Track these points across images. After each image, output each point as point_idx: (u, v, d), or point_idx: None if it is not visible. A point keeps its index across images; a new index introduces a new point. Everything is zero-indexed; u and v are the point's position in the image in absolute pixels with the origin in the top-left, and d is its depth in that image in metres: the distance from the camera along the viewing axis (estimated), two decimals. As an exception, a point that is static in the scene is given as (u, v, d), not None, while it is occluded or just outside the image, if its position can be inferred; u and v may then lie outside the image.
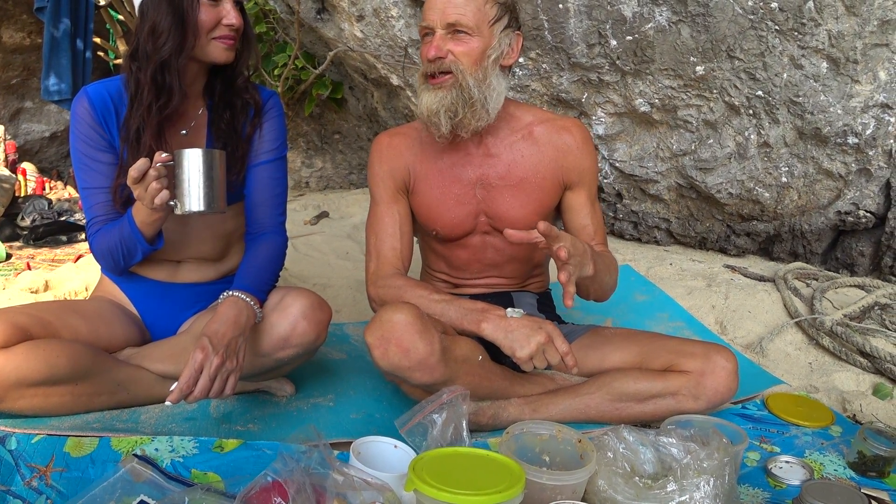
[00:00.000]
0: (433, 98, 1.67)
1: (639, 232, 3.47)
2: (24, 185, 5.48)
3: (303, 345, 1.65)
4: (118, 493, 1.27)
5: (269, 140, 1.81)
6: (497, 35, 1.68)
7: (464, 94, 1.65)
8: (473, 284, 1.94)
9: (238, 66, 1.73)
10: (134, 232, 1.57)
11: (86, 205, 1.70)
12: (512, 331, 1.52)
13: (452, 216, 1.83)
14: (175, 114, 1.67)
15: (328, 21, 3.86)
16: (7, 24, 5.77)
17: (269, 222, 1.80)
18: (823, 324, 2.30)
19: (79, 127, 1.65)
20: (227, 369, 1.48)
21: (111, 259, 1.67)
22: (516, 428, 1.41)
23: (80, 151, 1.66)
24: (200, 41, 1.61)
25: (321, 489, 1.14)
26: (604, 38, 2.81)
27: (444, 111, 1.66)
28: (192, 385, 1.43)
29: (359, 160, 5.52)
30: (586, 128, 1.86)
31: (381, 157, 1.86)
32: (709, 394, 1.66)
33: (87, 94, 1.65)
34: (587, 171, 1.84)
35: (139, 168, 1.42)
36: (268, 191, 1.80)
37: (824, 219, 2.97)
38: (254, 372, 1.69)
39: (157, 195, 1.43)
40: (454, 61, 1.65)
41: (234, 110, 1.75)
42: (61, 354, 1.50)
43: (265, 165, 1.80)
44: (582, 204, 1.85)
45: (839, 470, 1.59)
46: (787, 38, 2.55)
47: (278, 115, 1.84)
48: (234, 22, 1.61)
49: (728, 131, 2.89)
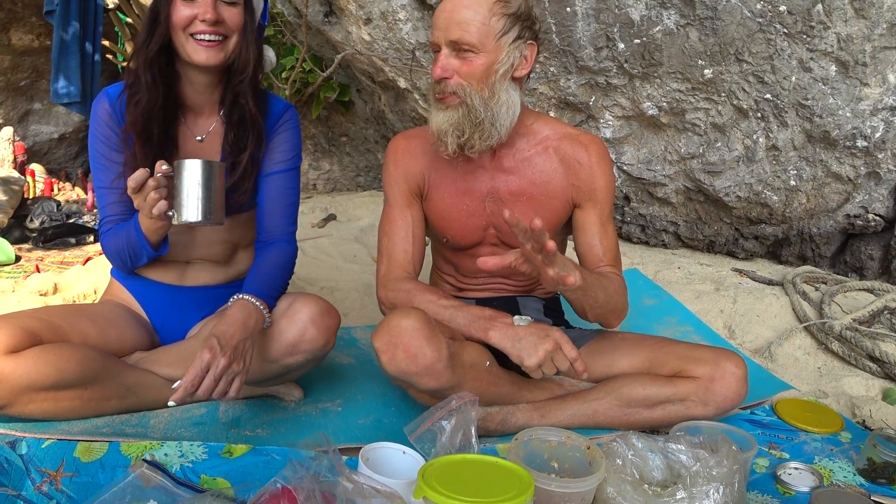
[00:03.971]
0: (442, 118, 1.65)
1: (646, 235, 3.46)
2: (32, 186, 5.50)
3: (311, 351, 1.65)
4: (128, 499, 1.27)
5: (283, 151, 1.80)
6: (506, 48, 1.62)
7: (471, 114, 1.62)
8: (479, 288, 1.94)
9: (234, 70, 1.67)
10: (139, 237, 1.59)
11: (100, 203, 1.73)
12: (519, 339, 1.51)
13: (462, 227, 1.82)
14: (184, 120, 1.70)
15: (336, 24, 3.86)
16: (16, 27, 5.80)
17: (280, 231, 1.80)
18: (832, 328, 2.29)
19: (97, 127, 1.67)
20: (234, 371, 1.47)
21: (119, 260, 1.71)
22: (525, 434, 1.41)
23: (97, 151, 1.69)
24: (178, 39, 1.59)
25: (331, 496, 1.14)
26: (611, 42, 2.81)
27: (452, 131, 1.64)
28: (196, 384, 1.41)
29: (366, 162, 5.52)
30: (604, 145, 1.81)
31: (396, 160, 1.85)
32: (718, 400, 1.66)
33: (107, 95, 1.67)
34: (599, 190, 1.77)
35: (137, 179, 1.43)
36: (280, 200, 1.80)
37: (833, 222, 2.96)
38: (262, 377, 1.70)
39: (155, 205, 1.44)
40: (459, 84, 1.61)
41: (243, 125, 1.71)
42: (71, 359, 1.51)
43: (278, 175, 1.79)
44: (591, 223, 1.79)
45: (849, 477, 1.59)
46: (796, 41, 2.54)
47: (293, 126, 1.83)
48: (209, 17, 1.55)
49: (736, 134, 2.88)
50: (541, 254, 1.34)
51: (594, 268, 1.76)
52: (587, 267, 1.77)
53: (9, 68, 5.94)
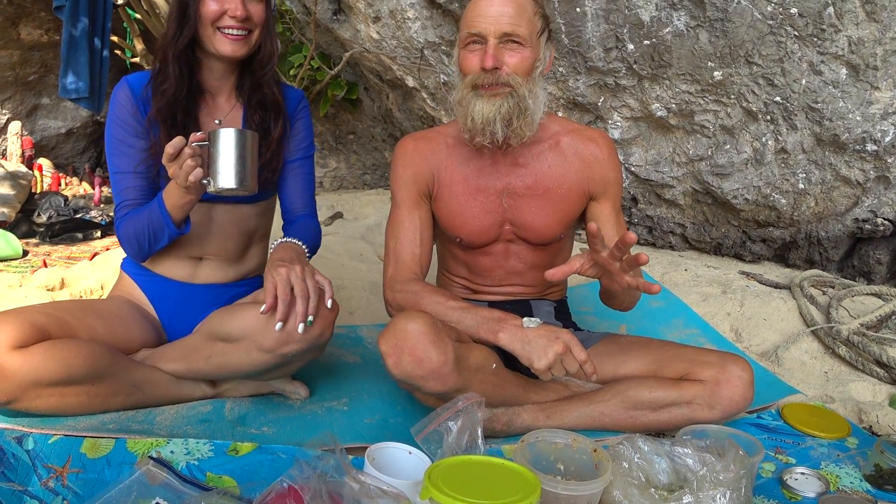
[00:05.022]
0: (489, 106, 1.66)
1: (654, 237, 3.45)
2: (40, 181, 5.52)
3: (307, 340, 1.60)
4: (134, 496, 1.27)
5: (301, 138, 1.89)
6: (542, 47, 1.70)
7: (520, 103, 1.66)
8: (493, 291, 1.93)
9: (259, 60, 1.76)
10: (163, 215, 1.61)
11: (115, 189, 1.75)
12: (529, 341, 1.51)
13: (478, 224, 1.83)
14: (204, 104, 1.77)
15: (344, 22, 3.86)
16: (26, 22, 5.82)
17: (304, 211, 1.90)
18: (840, 333, 2.28)
19: (117, 112, 1.72)
20: (317, 281, 1.56)
21: (136, 243, 1.71)
22: (531, 436, 1.41)
23: (115, 137, 1.72)
24: (206, 32, 1.66)
25: (337, 496, 1.14)
26: (621, 43, 2.80)
27: (500, 119, 1.66)
28: (286, 294, 1.49)
29: (373, 161, 5.52)
30: (612, 140, 1.88)
31: (405, 161, 1.85)
32: (724, 403, 1.66)
33: (127, 82, 1.73)
34: (613, 183, 1.84)
35: (175, 145, 1.48)
36: (301, 185, 1.90)
37: (841, 226, 2.95)
38: (259, 369, 1.66)
39: (192, 172, 1.48)
40: (510, 74, 1.65)
41: (265, 111, 1.80)
42: (78, 355, 1.51)
43: (299, 162, 1.89)
44: (607, 215, 1.85)
45: (855, 482, 1.58)
46: (807, 44, 2.53)
47: (308, 114, 1.93)
48: (239, 13, 1.64)
49: (745, 137, 2.87)
50: (620, 262, 1.43)
51: None
52: None
53: (17, 63, 5.96)
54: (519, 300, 1.93)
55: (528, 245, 1.87)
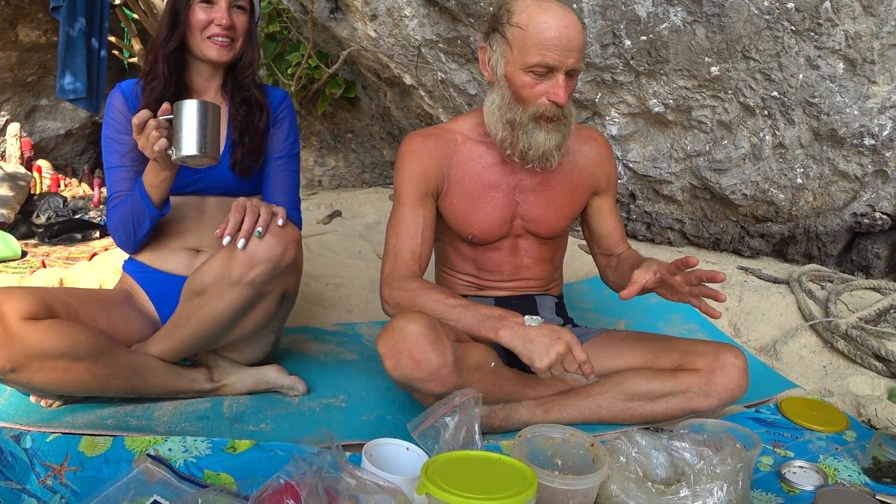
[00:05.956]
0: (548, 138, 1.71)
1: (652, 233, 3.45)
2: (39, 182, 5.52)
3: (271, 259, 1.59)
4: (132, 493, 1.28)
5: (285, 136, 1.98)
6: None
7: (568, 130, 1.75)
8: (501, 287, 1.93)
9: (241, 66, 1.89)
10: (143, 195, 1.70)
11: (108, 182, 1.85)
12: (531, 340, 1.51)
13: (490, 220, 1.83)
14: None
15: (341, 20, 3.86)
16: (23, 23, 5.81)
17: (286, 205, 1.91)
18: (838, 327, 2.28)
19: (111, 113, 1.84)
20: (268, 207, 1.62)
21: (122, 230, 1.80)
22: (528, 431, 1.41)
23: (108, 136, 1.84)
24: (194, 38, 1.80)
25: (333, 492, 1.14)
26: (618, 39, 2.80)
27: (556, 147, 1.73)
28: (239, 218, 1.56)
29: (371, 159, 5.52)
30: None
31: (412, 159, 1.81)
32: (719, 390, 1.69)
33: (120, 88, 1.87)
34: (613, 178, 1.97)
35: (141, 117, 1.58)
36: (284, 181, 1.97)
37: (839, 220, 2.95)
38: (237, 308, 1.66)
39: (157, 142, 1.57)
40: (566, 106, 1.71)
41: (249, 106, 1.91)
42: (82, 333, 1.58)
43: (281, 160, 1.96)
44: (609, 209, 1.97)
45: (854, 476, 1.58)
46: (804, 39, 2.53)
47: (291, 113, 2.02)
48: (224, 22, 1.77)
49: (743, 132, 2.87)
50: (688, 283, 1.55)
51: (617, 248, 1.97)
52: (610, 247, 1.98)
53: (16, 64, 5.96)
54: (524, 295, 1.94)
55: (536, 239, 1.90)
